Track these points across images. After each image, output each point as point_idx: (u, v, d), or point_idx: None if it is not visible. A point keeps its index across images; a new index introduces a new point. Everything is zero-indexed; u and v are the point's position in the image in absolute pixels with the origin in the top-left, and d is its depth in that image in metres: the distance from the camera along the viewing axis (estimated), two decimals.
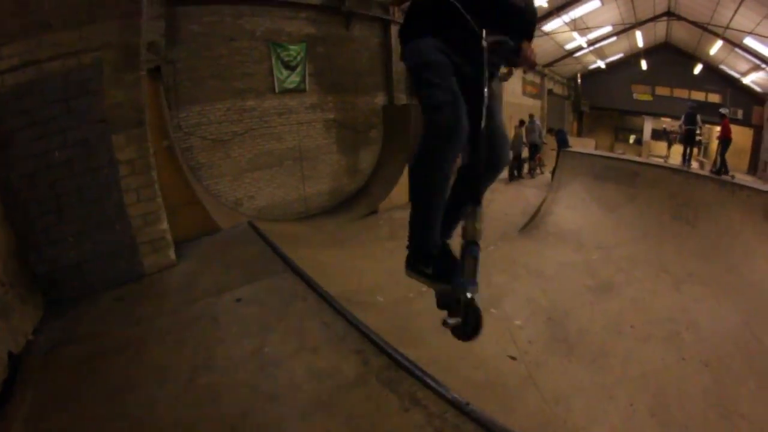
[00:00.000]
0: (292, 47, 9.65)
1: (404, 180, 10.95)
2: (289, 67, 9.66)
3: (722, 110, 11.24)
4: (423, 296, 6.54)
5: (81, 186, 3.38)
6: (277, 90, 9.46)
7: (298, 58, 9.81)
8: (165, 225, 3.76)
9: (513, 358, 5.26)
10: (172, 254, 3.81)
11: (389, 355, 2.43)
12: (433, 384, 2.23)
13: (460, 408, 2.06)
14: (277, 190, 9.72)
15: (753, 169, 21.08)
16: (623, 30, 21.45)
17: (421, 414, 2.05)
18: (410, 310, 5.86)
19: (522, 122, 14.21)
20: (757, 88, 21.41)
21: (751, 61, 19.05)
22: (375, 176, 11.71)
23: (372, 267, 7.07)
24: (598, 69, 27.56)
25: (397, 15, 12.03)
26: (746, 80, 21.42)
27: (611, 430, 4.27)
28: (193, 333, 2.74)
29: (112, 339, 2.75)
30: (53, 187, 3.29)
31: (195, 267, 3.78)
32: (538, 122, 14.38)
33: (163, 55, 7.46)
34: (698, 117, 11.50)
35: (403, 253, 2.25)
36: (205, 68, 8.33)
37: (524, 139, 14.04)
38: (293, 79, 9.74)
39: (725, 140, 10.62)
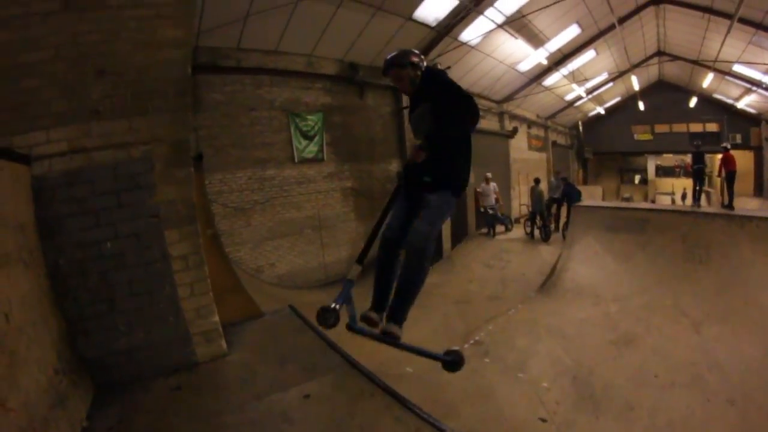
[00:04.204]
0: (309, 117, 10.34)
1: None
2: (307, 137, 10.26)
3: (724, 144, 12.00)
4: None
5: (132, 278, 3.50)
6: (296, 159, 10.06)
7: (316, 128, 10.48)
8: (217, 317, 3.91)
9: (544, 420, 5.67)
10: (224, 344, 3.96)
11: (414, 411, 2.85)
12: None
13: None
14: (297, 258, 10.14)
15: (759, 190, 22.09)
16: (619, 75, 22.96)
17: None
18: (439, 379, 6.05)
19: (537, 180, 14.93)
20: (752, 111, 22.70)
21: (742, 86, 20.35)
22: None
23: None
24: (598, 115, 29.00)
25: None
26: (740, 104, 22.74)
27: None
28: (267, 431, 2.85)
29: None
30: (104, 277, 3.41)
31: (248, 358, 3.91)
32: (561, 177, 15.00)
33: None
34: (705, 155, 12.22)
35: (429, 321, 2.95)
36: (226, 137, 8.96)
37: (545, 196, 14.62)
38: (311, 149, 10.35)
39: (730, 173, 11.27)
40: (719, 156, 12.07)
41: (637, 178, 30.47)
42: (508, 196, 19.54)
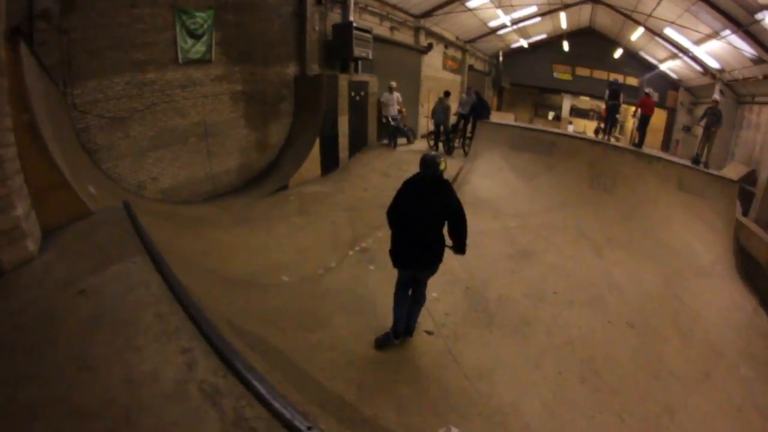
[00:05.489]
0: (198, 14, 9.05)
1: (315, 153, 10.81)
2: (195, 36, 9.13)
3: (646, 90, 12.61)
4: (331, 272, 6.03)
5: None
6: (180, 61, 8.86)
7: (205, 26, 9.27)
8: (19, 211, 3.18)
9: (429, 333, 4.90)
10: (30, 245, 3.26)
11: (221, 356, 2.02)
12: (268, 397, 1.77)
13: None
14: (182, 169, 9.15)
15: (666, 146, 23.65)
16: (548, 12, 22.36)
17: None
18: (317, 288, 5.55)
19: (447, 93, 13.90)
20: (673, 75, 23.74)
21: (669, 49, 20.84)
22: (286, 151, 11.33)
23: (279, 245, 6.69)
24: (521, 48, 28.64)
25: None
26: (663, 67, 23.63)
27: (541, 403, 3.94)
28: (23, 337, 2.39)
29: None
30: None
31: (52, 258, 3.26)
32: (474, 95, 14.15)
33: (56, 24, 6.72)
34: (621, 93, 12.30)
35: (315, 228, 5.59)
36: (102, 38, 7.62)
37: (453, 111, 13.76)
38: (199, 49, 9.21)
39: (645, 116, 11.52)
40: (633, 109, 12.39)
41: (551, 115, 31.24)
42: (415, 113, 18.62)
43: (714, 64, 18.06)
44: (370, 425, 3.08)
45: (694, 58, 19.14)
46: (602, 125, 15.86)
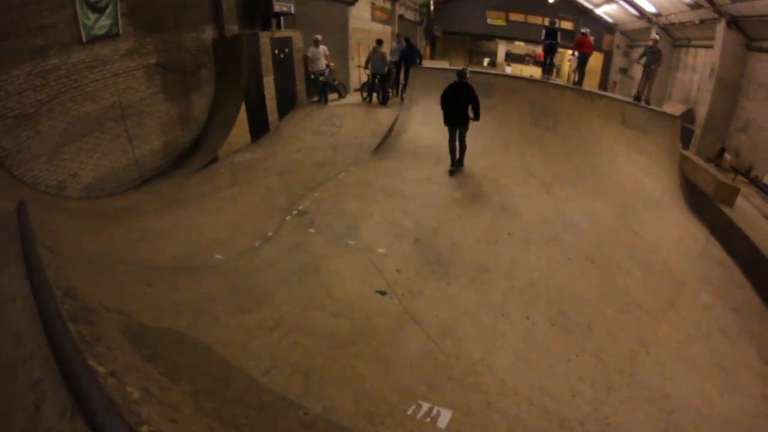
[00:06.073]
0: None
1: (242, 119, 10.26)
2: (97, 9, 8.23)
3: (583, 30, 12.31)
4: (269, 242, 5.54)
5: None
6: (84, 39, 7.93)
7: None
8: None
9: (383, 293, 4.43)
10: None
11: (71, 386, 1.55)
12: None
13: None
14: (102, 159, 8.29)
15: (603, 87, 23.92)
16: None
17: None
18: (254, 263, 5.02)
19: (380, 41, 13.12)
20: (609, 19, 24.26)
21: None
22: (211, 121, 10.60)
23: (212, 222, 6.14)
24: None
25: None
26: (599, 11, 24.06)
27: (514, 353, 3.57)
28: None
29: None
30: None
31: None
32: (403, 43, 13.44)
33: None
34: (558, 34, 12.06)
35: (248, 198, 6.00)
36: None
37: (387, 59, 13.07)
38: (103, 23, 8.29)
39: (584, 54, 11.43)
40: (570, 52, 12.43)
41: (486, 61, 30.87)
42: (346, 67, 17.81)
43: (650, 9, 18.26)
44: (316, 431, 2.47)
45: (631, 2, 19.37)
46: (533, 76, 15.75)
